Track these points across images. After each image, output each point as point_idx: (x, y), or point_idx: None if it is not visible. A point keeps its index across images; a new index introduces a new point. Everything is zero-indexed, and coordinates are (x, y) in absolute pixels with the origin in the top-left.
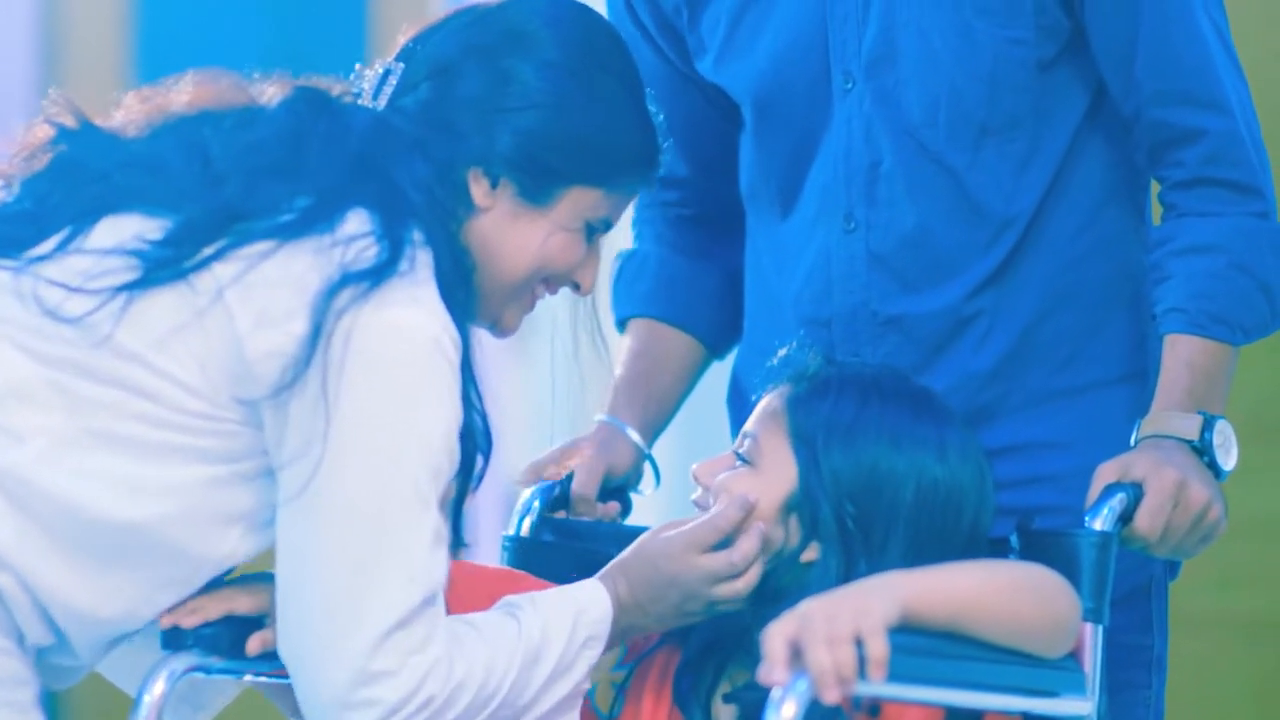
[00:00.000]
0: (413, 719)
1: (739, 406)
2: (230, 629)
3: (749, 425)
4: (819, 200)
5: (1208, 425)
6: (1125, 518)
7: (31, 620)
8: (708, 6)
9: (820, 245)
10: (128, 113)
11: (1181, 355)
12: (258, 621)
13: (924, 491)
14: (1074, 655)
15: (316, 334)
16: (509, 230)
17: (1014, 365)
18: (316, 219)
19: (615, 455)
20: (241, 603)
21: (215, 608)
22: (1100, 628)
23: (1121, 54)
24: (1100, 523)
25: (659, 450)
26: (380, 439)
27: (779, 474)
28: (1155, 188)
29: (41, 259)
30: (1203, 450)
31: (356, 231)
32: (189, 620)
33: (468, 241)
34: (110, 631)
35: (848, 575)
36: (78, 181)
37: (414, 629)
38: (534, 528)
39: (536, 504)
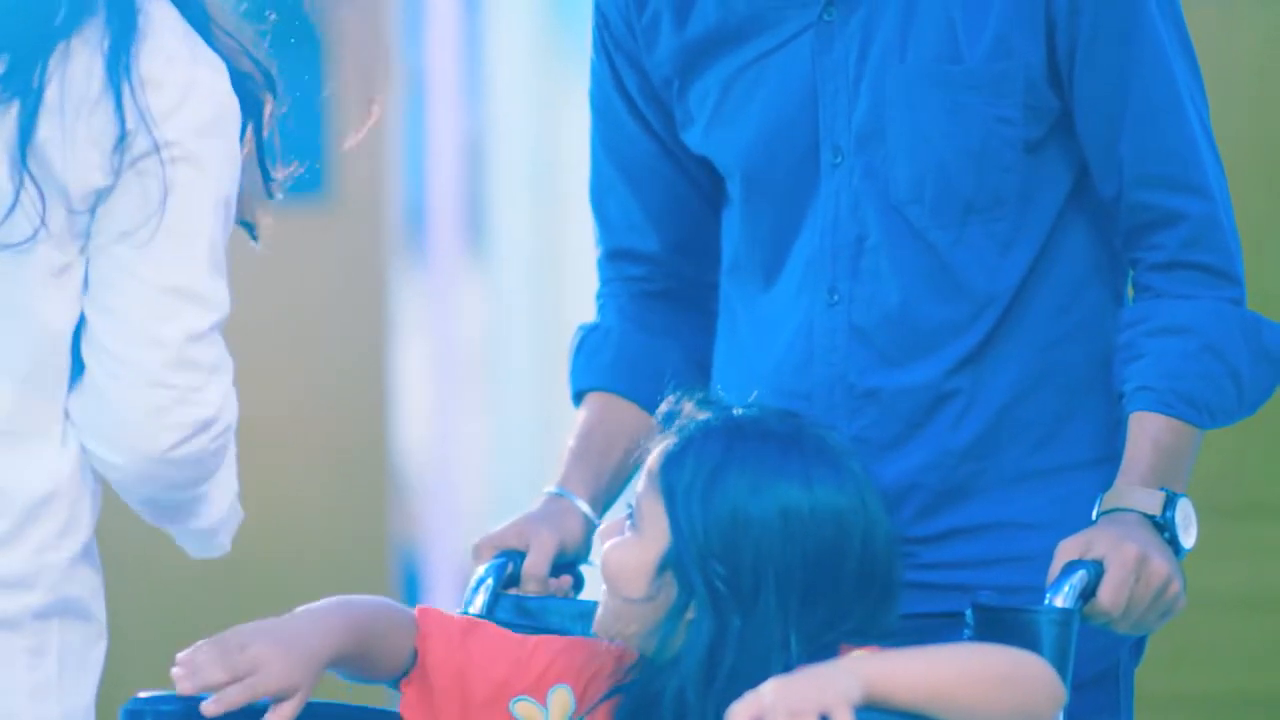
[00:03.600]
0: (218, 440)
1: None
2: (194, 712)
3: (636, 486)
4: (803, 273)
5: (1170, 502)
6: (1086, 594)
7: None
8: (699, 77)
9: (803, 318)
10: None
11: (1148, 432)
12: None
13: (792, 526)
14: None
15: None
16: None
17: (990, 444)
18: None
19: (567, 531)
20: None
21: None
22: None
23: (1107, 135)
24: (1061, 599)
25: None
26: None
27: (655, 535)
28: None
29: None
30: (1164, 526)
31: None
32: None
33: None
34: None
35: (721, 633)
36: None
37: (214, 344)
38: (488, 605)
39: (490, 581)
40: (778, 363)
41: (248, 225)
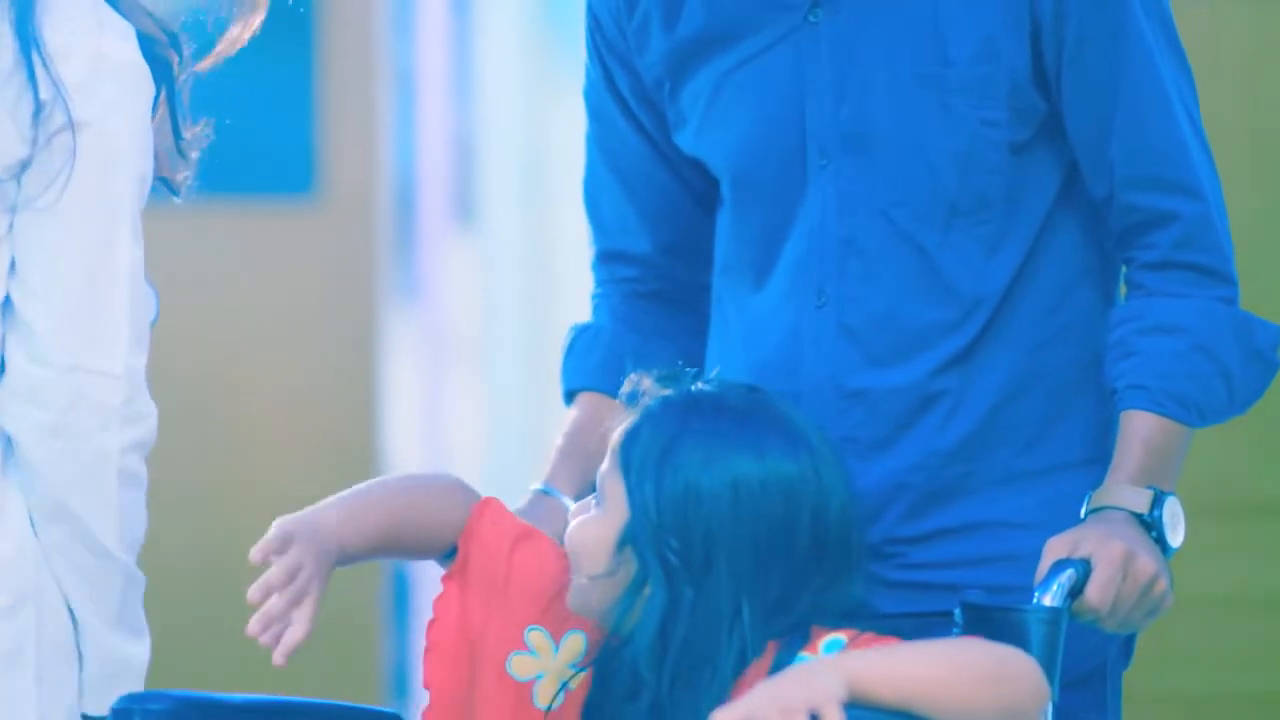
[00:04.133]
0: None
1: None
2: (182, 709)
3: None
4: (793, 275)
5: (1158, 501)
6: (1074, 592)
7: None
8: (690, 79)
9: (792, 319)
10: None
11: (1139, 431)
12: (212, 706)
13: (743, 498)
14: None
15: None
16: None
17: (978, 445)
18: None
19: (554, 529)
20: None
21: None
22: (1049, 705)
23: (1096, 137)
24: (1050, 598)
25: None
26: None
27: (615, 511)
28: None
29: None
30: (1151, 525)
31: None
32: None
33: None
34: None
35: (674, 606)
36: None
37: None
38: None
39: None
40: (767, 364)
41: (166, 182)
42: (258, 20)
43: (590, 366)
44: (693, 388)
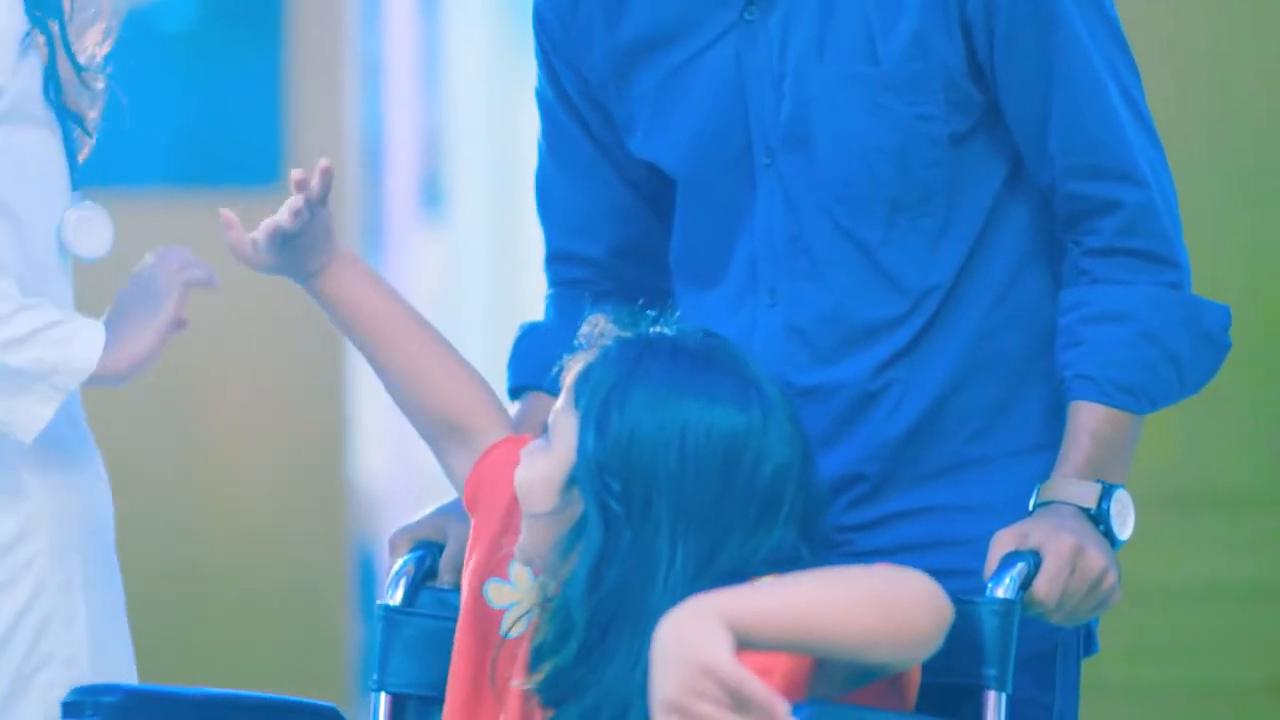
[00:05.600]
0: None
1: None
2: (134, 702)
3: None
4: (744, 274)
5: (1106, 494)
6: (1024, 585)
7: None
8: (636, 80)
9: (745, 320)
10: None
11: (1085, 423)
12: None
13: (688, 443)
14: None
15: None
16: None
17: (926, 434)
18: None
19: None
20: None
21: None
22: (1004, 695)
23: (1034, 128)
24: (1003, 590)
25: None
26: None
27: (564, 449)
28: None
29: None
30: (1099, 519)
31: None
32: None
33: None
34: None
35: (608, 550)
36: None
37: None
38: (407, 597)
39: (410, 572)
40: None
41: (78, 119)
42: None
43: (534, 365)
44: (651, 330)
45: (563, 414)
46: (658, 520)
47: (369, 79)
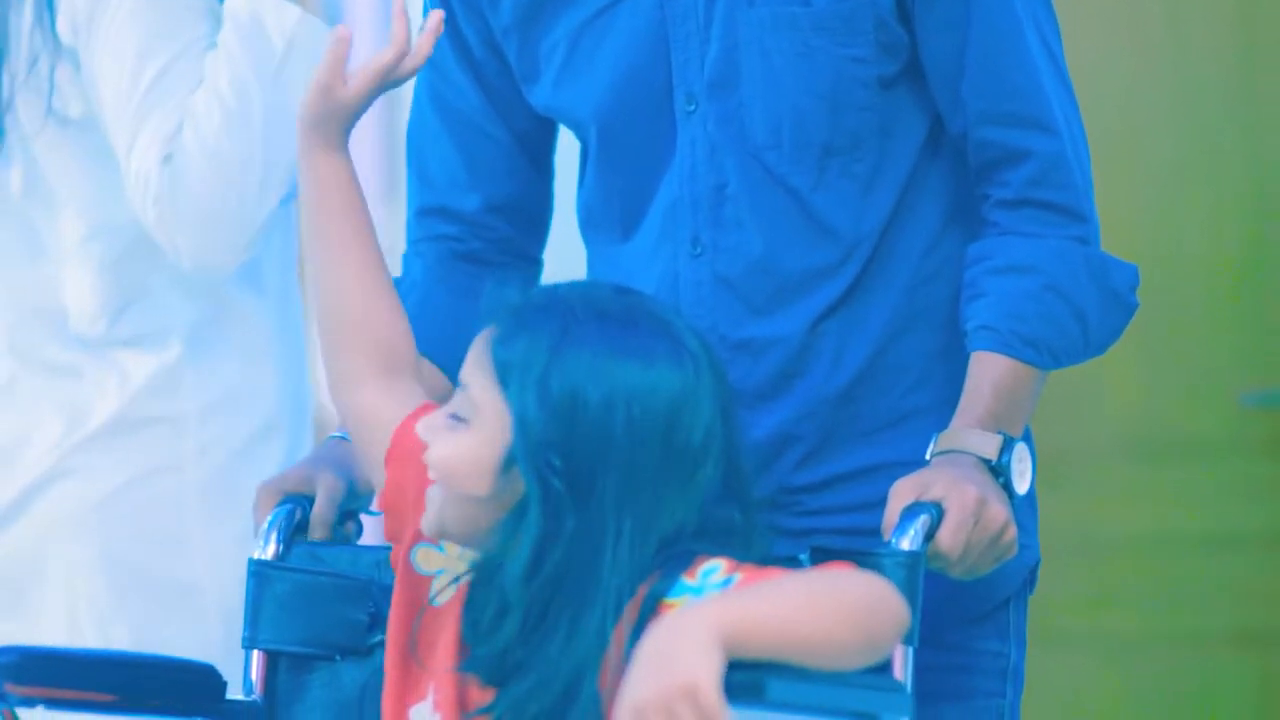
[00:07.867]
0: None
1: None
2: (29, 661)
3: (462, 375)
4: (663, 223)
5: (1006, 446)
6: (928, 536)
7: None
8: (546, 30)
9: (665, 268)
10: None
11: (988, 374)
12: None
13: (636, 408)
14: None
15: None
16: None
17: (865, 388)
18: None
19: (352, 475)
20: None
21: None
22: (911, 649)
23: (949, 72)
24: (908, 542)
25: None
26: None
27: (492, 426)
28: None
29: None
30: (999, 470)
31: None
32: None
33: None
34: None
35: (551, 533)
36: None
37: None
38: (280, 553)
39: (280, 526)
40: None
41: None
42: None
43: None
44: (561, 292)
45: (480, 384)
46: (603, 493)
47: None
